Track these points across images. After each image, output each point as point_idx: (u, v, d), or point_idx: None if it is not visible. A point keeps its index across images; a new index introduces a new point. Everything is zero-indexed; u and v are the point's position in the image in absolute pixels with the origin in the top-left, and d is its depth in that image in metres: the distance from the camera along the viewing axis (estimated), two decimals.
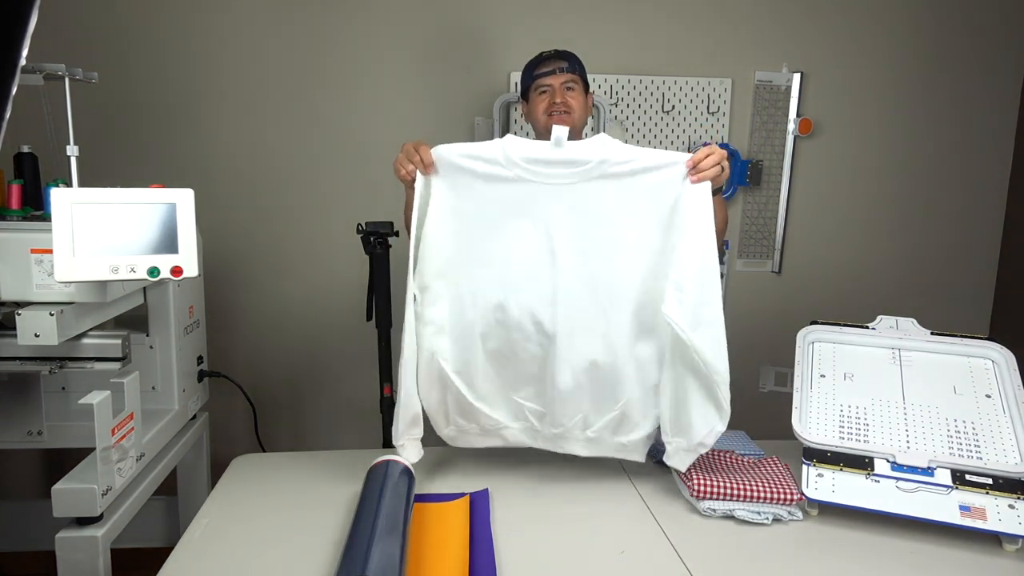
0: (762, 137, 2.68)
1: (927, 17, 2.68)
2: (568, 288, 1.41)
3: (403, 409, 1.46)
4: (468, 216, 1.43)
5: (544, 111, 1.76)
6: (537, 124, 1.80)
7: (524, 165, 1.39)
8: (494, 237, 1.43)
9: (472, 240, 1.43)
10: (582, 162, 1.38)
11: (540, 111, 1.77)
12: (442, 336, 1.47)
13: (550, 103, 1.75)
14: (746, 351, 2.79)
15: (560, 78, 1.75)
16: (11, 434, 1.71)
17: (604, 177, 1.38)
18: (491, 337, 1.46)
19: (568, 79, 1.76)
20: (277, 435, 2.63)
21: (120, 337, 1.65)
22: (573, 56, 1.80)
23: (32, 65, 1.49)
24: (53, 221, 1.30)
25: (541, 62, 1.78)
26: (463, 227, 1.43)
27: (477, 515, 1.36)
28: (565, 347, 1.42)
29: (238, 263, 2.54)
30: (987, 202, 2.83)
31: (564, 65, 1.76)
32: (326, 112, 2.49)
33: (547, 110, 1.76)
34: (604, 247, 1.41)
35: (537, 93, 1.78)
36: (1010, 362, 1.51)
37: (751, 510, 1.37)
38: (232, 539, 1.28)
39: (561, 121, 1.70)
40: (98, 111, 2.36)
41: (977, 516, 1.28)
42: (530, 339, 1.45)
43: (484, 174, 1.41)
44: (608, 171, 1.38)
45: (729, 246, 2.72)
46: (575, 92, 1.77)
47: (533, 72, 1.78)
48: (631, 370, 1.44)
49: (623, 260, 1.41)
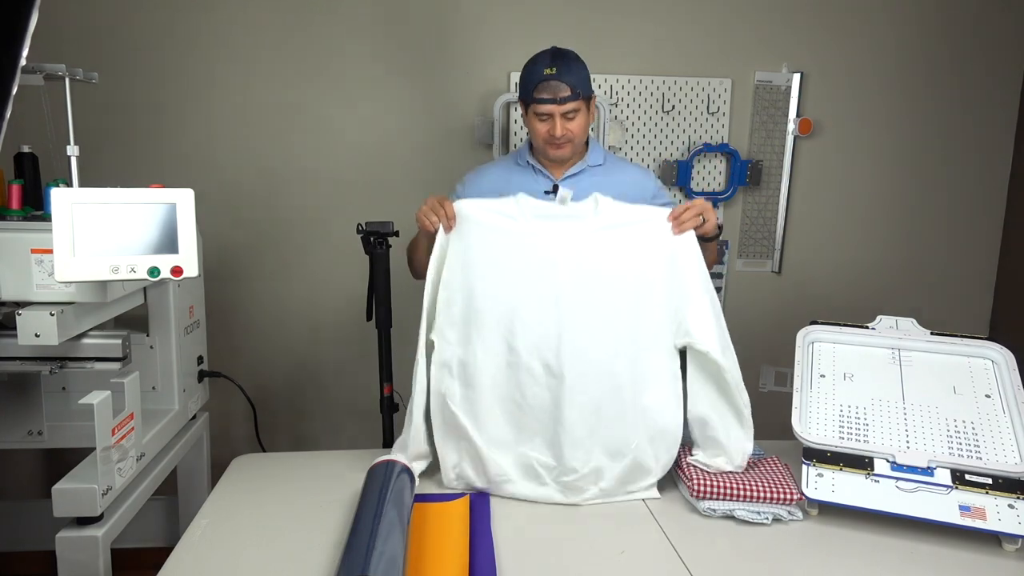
0: (762, 137, 2.68)
1: (927, 17, 2.68)
2: (572, 329, 1.48)
3: (412, 443, 1.51)
4: (481, 266, 1.53)
5: (544, 139, 1.70)
6: (535, 142, 1.75)
7: (533, 219, 1.53)
8: (504, 284, 1.51)
9: (484, 289, 1.52)
10: (582, 216, 1.53)
11: (539, 135, 1.70)
12: (453, 380, 1.51)
13: (550, 133, 1.68)
14: (746, 351, 2.77)
15: (561, 107, 1.65)
16: (11, 434, 1.71)
17: (602, 228, 1.52)
18: (501, 384, 1.49)
19: (570, 108, 1.65)
20: (277, 435, 2.63)
21: (120, 337, 1.65)
22: (575, 71, 1.66)
23: (32, 65, 1.49)
24: (53, 221, 1.30)
25: (542, 82, 1.64)
26: (476, 277, 1.52)
27: (477, 515, 1.36)
28: (572, 388, 1.45)
29: (238, 263, 2.54)
30: (987, 202, 2.83)
31: (566, 94, 1.63)
32: (327, 112, 2.49)
33: (547, 139, 1.70)
34: (604, 293, 1.50)
35: (536, 115, 1.69)
36: (1010, 362, 1.51)
37: (751, 510, 1.37)
38: (232, 539, 1.28)
39: (559, 150, 1.71)
40: (98, 111, 2.36)
41: (977, 516, 1.28)
42: (538, 382, 1.47)
43: (498, 227, 1.53)
44: (605, 223, 1.52)
45: (729, 246, 2.72)
46: (577, 117, 1.68)
47: (533, 92, 1.66)
48: (637, 415, 1.47)
49: (622, 304, 1.50)
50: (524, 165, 1.83)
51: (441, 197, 1.56)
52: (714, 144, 2.64)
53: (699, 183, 2.67)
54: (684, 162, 2.63)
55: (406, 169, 2.55)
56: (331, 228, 2.54)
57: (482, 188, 1.82)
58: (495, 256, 1.52)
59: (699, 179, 2.67)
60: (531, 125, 1.73)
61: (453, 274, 1.54)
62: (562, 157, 1.76)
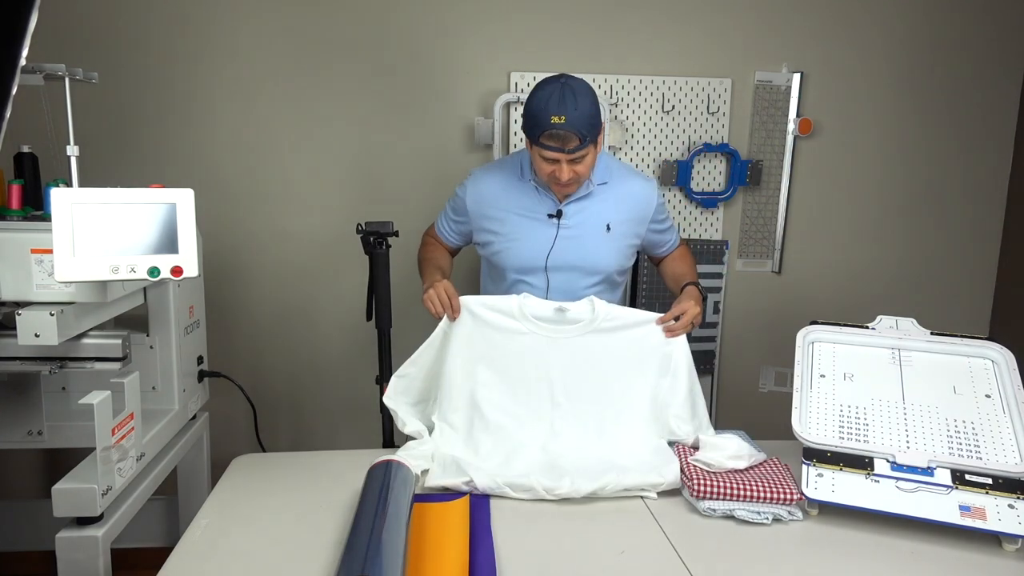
0: (762, 137, 2.68)
1: (927, 17, 2.68)
2: (565, 425, 1.61)
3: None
4: (482, 367, 1.64)
5: (548, 178, 1.66)
6: (539, 176, 1.70)
7: (533, 320, 1.64)
8: (504, 378, 1.64)
9: (486, 395, 1.63)
10: (578, 320, 1.64)
11: (543, 173, 1.66)
12: (458, 454, 1.58)
13: (555, 175, 1.63)
14: (746, 351, 2.80)
15: (569, 156, 1.60)
16: (11, 434, 1.71)
17: (596, 332, 1.64)
18: (501, 475, 1.50)
19: (578, 156, 1.60)
20: (277, 435, 2.63)
21: (120, 337, 1.65)
22: (584, 115, 1.56)
23: (32, 65, 1.49)
24: (53, 221, 1.30)
25: (549, 131, 1.56)
26: (479, 383, 1.64)
27: (477, 515, 1.36)
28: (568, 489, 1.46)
29: (238, 263, 2.54)
30: (987, 202, 2.83)
31: (575, 145, 1.57)
32: (326, 112, 2.49)
33: (552, 180, 1.66)
34: (595, 393, 1.63)
35: (542, 157, 1.63)
36: (1010, 362, 1.51)
37: (751, 510, 1.37)
38: (232, 539, 1.29)
39: (566, 189, 1.69)
40: (98, 111, 2.36)
41: (977, 516, 1.28)
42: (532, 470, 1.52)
43: (499, 325, 1.64)
44: (599, 327, 1.64)
45: (729, 246, 2.72)
46: (585, 159, 1.63)
47: (540, 138, 1.59)
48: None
49: (611, 405, 1.63)
50: (527, 182, 1.77)
51: (448, 287, 1.65)
52: (714, 144, 2.64)
53: (699, 183, 2.67)
54: (684, 162, 2.63)
55: (406, 169, 2.55)
56: (331, 228, 2.54)
57: (485, 196, 1.80)
58: (495, 357, 1.64)
59: (699, 179, 2.67)
60: (536, 162, 1.67)
61: (454, 365, 1.64)
62: (567, 194, 1.73)
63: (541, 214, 1.75)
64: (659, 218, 1.85)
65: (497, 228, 1.79)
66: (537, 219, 1.76)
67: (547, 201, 1.76)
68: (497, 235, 1.79)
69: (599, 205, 1.77)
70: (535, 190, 1.77)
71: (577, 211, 1.75)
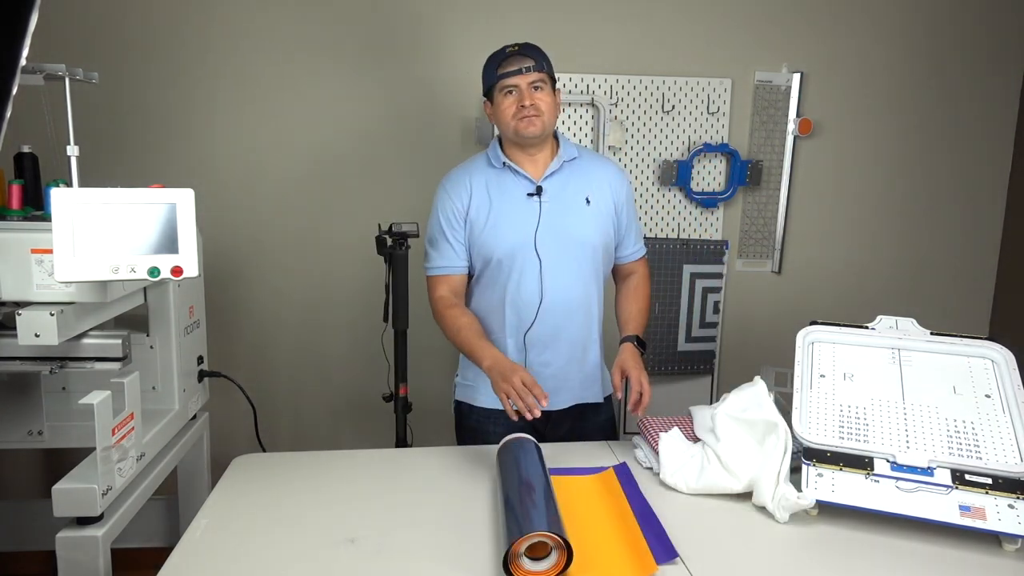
0: (762, 137, 2.68)
1: (927, 17, 2.68)
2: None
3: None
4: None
5: (513, 115, 1.67)
6: (505, 128, 1.71)
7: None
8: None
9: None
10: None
11: (508, 115, 1.68)
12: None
13: (518, 106, 1.66)
14: (746, 351, 2.80)
15: (527, 77, 1.65)
16: (11, 434, 1.71)
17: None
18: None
19: (536, 79, 1.66)
20: (277, 435, 2.63)
21: (120, 337, 1.65)
22: (538, 51, 1.69)
23: (32, 65, 1.49)
24: (53, 221, 1.30)
25: (505, 59, 1.67)
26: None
27: (627, 484, 1.45)
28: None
29: (238, 263, 2.54)
30: (987, 202, 2.83)
31: (531, 64, 1.65)
32: (326, 112, 2.49)
33: (516, 114, 1.67)
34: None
35: (503, 93, 1.68)
36: (1010, 362, 1.51)
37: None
38: (232, 539, 1.28)
39: (531, 125, 1.66)
40: (98, 111, 2.36)
41: (977, 516, 1.28)
42: None
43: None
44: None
45: (729, 246, 2.72)
46: (544, 91, 1.67)
47: (497, 71, 1.68)
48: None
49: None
50: (500, 167, 1.75)
51: (526, 377, 1.50)
52: (714, 144, 2.64)
53: (699, 183, 2.67)
54: (684, 162, 2.63)
55: (406, 169, 2.55)
56: (331, 228, 2.54)
57: (466, 188, 1.74)
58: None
59: (699, 179, 2.67)
60: (498, 107, 1.70)
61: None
62: (534, 134, 1.68)
63: (521, 194, 1.73)
64: (630, 204, 1.85)
65: (484, 216, 1.74)
66: (518, 198, 1.73)
67: (524, 181, 1.74)
68: (485, 221, 1.74)
69: (576, 180, 1.75)
70: (510, 172, 1.74)
71: (555, 186, 1.74)
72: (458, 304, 1.75)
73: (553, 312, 1.73)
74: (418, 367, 2.24)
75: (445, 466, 1.59)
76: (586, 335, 1.79)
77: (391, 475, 1.55)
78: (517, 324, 1.75)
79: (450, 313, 1.72)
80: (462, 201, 1.75)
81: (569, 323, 1.76)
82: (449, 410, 1.92)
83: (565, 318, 1.75)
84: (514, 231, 1.72)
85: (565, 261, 1.73)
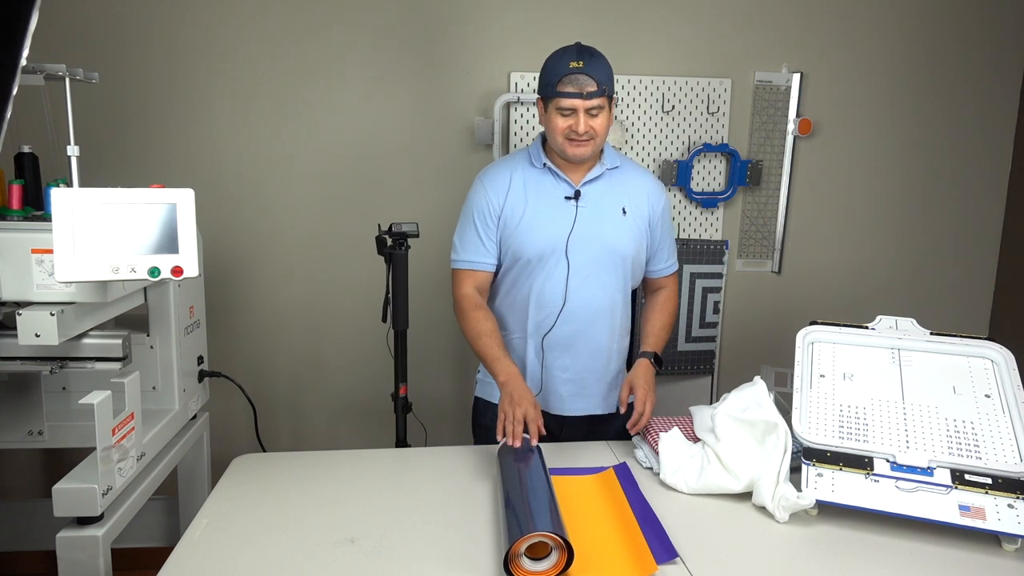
0: (762, 137, 2.68)
1: (927, 17, 2.68)
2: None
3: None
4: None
5: (564, 135, 1.64)
6: (553, 141, 1.68)
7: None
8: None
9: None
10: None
11: (559, 131, 1.64)
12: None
13: (572, 129, 1.62)
14: (746, 351, 2.80)
15: (587, 103, 1.59)
16: (12, 434, 1.71)
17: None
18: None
19: (595, 105, 1.60)
20: (277, 435, 2.63)
21: (120, 337, 1.65)
22: (602, 65, 1.62)
23: (32, 65, 1.49)
24: (54, 221, 1.30)
25: (567, 75, 1.59)
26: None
27: (627, 484, 1.45)
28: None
29: (238, 263, 2.54)
30: (987, 202, 2.83)
31: (592, 89, 1.59)
32: (326, 112, 2.49)
33: (567, 135, 1.63)
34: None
35: (558, 110, 1.63)
36: (1010, 362, 1.51)
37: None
38: (232, 539, 1.29)
39: (580, 147, 1.65)
40: (98, 111, 2.36)
41: (976, 516, 1.28)
42: None
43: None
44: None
45: (729, 246, 2.72)
46: (601, 115, 1.63)
47: (557, 86, 1.61)
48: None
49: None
50: (541, 168, 1.74)
51: (531, 411, 1.53)
52: (714, 144, 2.64)
53: (699, 183, 2.67)
54: (684, 162, 2.63)
55: (406, 169, 2.55)
56: (331, 228, 2.54)
57: (504, 185, 1.74)
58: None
59: (699, 179, 2.67)
60: (551, 121, 1.65)
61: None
62: (582, 157, 1.67)
63: (559, 196, 1.72)
64: (665, 219, 1.84)
65: (519, 215, 1.72)
66: (555, 200, 1.72)
67: (563, 184, 1.73)
68: (519, 220, 1.72)
69: (615, 189, 1.75)
70: (550, 174, 1.73)
71: (594, 192, 1.73)
72: (483, 306, 1.73)
73: (574, 317, 1.72)
74: (418, 367, 2.23)
75: (445, 466, 1.59)
76: (608, 345, 1.78)
77: (391, 475, 1.55)
78: (537, 326, 1.75)
79: (474, 315, 1.70)
80: (499, 198, 1.73)
81: (591, 330, 1.75)
82: (451, 410, 1.92)
83: (587, 324, 1.74)
84: (547, 233, 1.71)
85: (594, 268, 1.72)
